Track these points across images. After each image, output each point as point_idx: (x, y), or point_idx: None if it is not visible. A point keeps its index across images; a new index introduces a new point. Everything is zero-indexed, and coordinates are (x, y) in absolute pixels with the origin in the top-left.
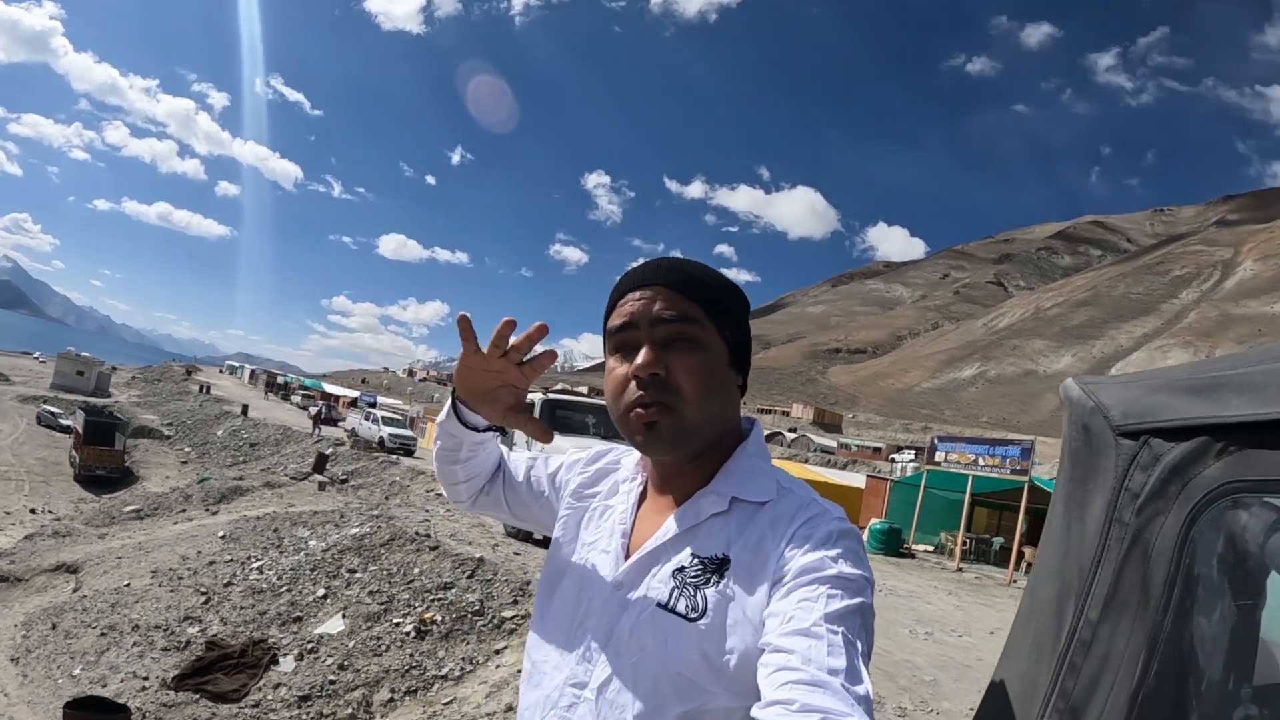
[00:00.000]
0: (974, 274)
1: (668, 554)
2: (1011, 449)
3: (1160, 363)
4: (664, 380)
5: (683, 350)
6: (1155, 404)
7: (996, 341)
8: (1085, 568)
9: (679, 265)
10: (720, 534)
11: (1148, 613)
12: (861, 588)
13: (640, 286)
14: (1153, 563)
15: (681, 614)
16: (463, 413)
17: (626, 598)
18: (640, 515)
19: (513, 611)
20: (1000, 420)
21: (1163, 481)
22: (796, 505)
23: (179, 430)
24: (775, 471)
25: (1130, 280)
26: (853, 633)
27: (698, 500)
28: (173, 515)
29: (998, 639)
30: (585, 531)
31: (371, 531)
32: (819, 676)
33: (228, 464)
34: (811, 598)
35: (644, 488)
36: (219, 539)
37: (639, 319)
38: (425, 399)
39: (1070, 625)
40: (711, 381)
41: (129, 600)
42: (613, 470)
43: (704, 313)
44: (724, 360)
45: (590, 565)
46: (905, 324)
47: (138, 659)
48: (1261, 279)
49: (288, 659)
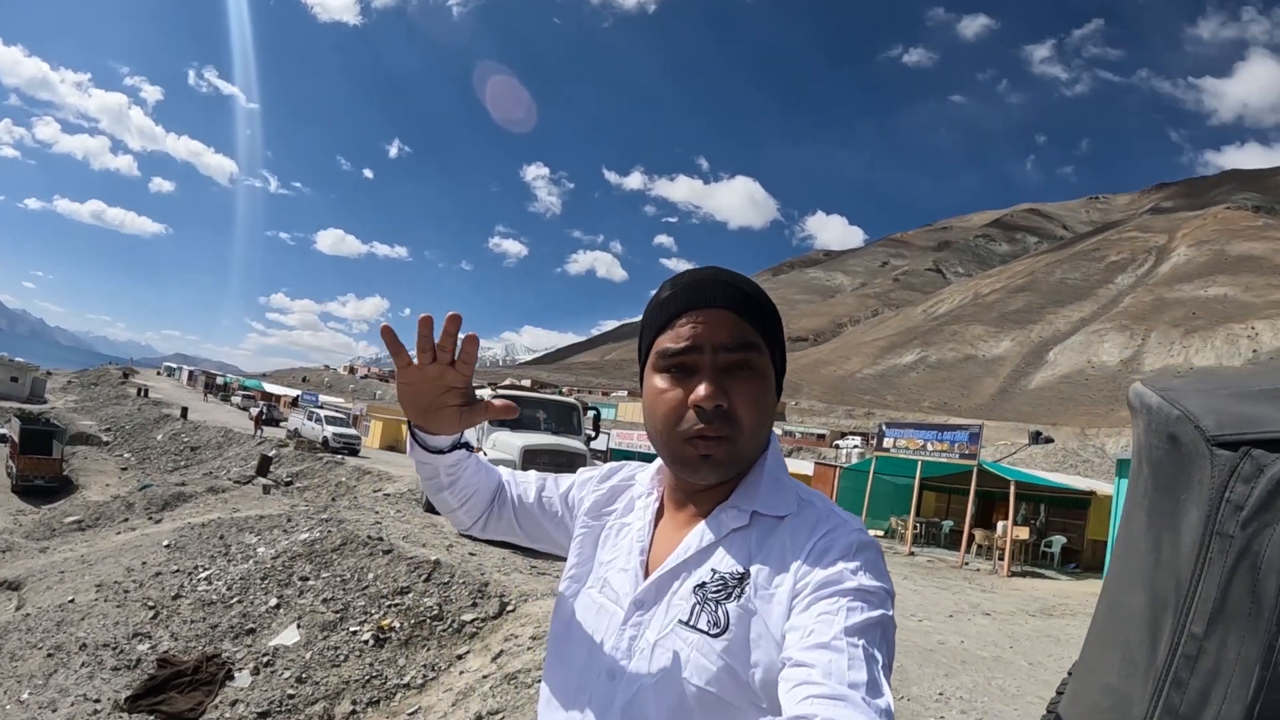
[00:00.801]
0: (913, 262)
1: (689, 570)
2: (959, 434)
3: (1097, 346)
4: (727, 412)
5: (744, 379)
6: (1254, 414)
7: (936, 327)
8: (1183, 581)
9: (738, 285)
10: (741, 549)
11: (1260, 624)
12: (882, 600)
13: (699, 307)
14: (1264, 575)
15: (704, 630)
16: (423, 438)
17: (648, 615)
18: (658, 532)
19: (472, 615)
20: (941, 405)
21: (1269, 493)
22: (816, 518)
23: (118, 436)
24: (794, 484)
25: (1067, 266)
26: (873, 645)
27: (719, 515)
28: (115, 525)
29: (956, 622)
30: (602, 550)
31: (322, 536)
32: (840, 690)
33: (169, 469)
34: (831, 611)
35: (660, 503)
36: (164, 548)
37: (703, 344)
38: (368, 396)
39: (1170, 639)
40: (767, 410)
41: (74, 617)
42: (627, 487)
43: (762, 338)
44: (774, 386)
45: (609, 584)
46: (845, 311)
47: (87, 680)
48: (1195, 264)
49: (243, 674)
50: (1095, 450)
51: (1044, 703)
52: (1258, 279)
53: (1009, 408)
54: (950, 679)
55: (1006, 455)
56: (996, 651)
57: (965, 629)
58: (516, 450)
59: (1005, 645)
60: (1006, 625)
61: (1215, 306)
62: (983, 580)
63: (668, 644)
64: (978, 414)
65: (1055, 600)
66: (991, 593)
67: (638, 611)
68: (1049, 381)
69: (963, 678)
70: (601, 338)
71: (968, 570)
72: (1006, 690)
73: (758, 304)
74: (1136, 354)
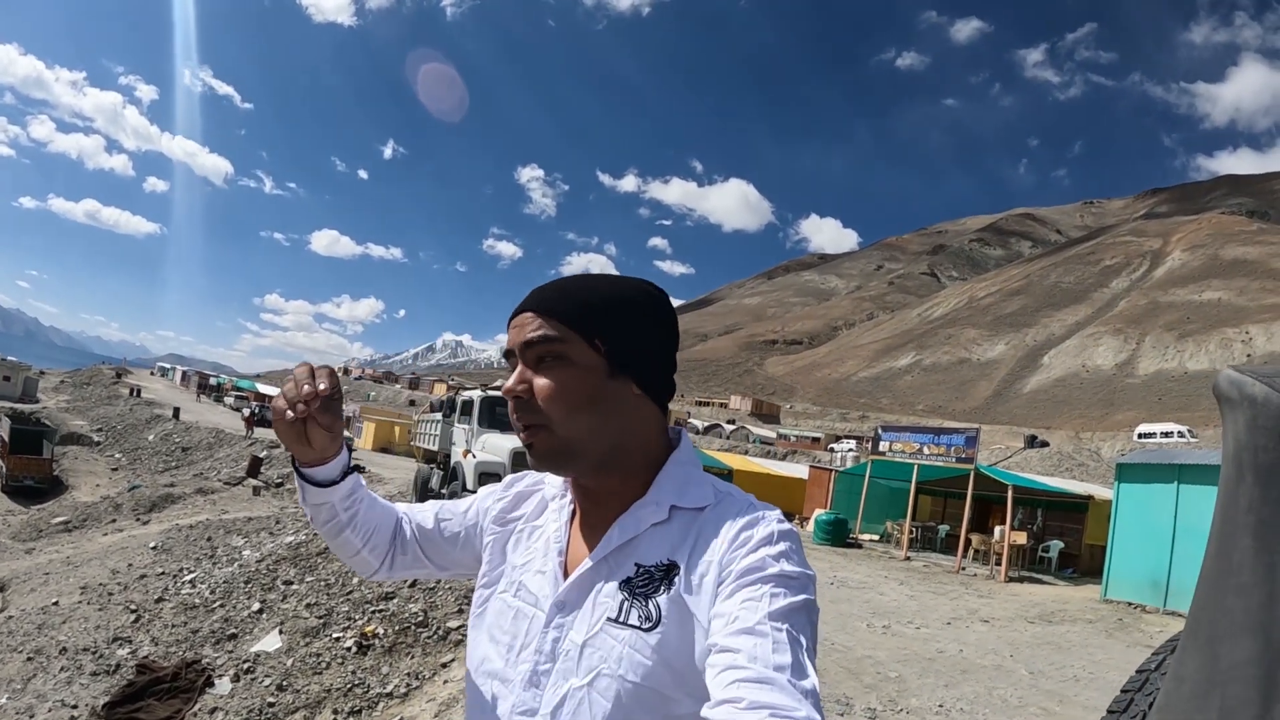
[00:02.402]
0: (907, 265)
1: (610, 567)
2: (956, 437)
3: (1092, 349)
4: (528, 402)
5: (545, 369)
6: None
7: (931, 331)
8: None
9: (546, 286)
10: (664, 542)
11: None
12: (804, 585)
13: (516, 314)
14: None
15: (635, 625)
16: (310, 474)
17: (571, 616)
18: (573, 533)
19: (458, 621)
20: (936, 408)
21: None
22: (736, 509)
23: (109, 436)
24: (709, 478)
25: (1061, 270)
26: (797, 629)
27: (637, 511)
28: (103, 526)
29: (955, 629)
30: (514, 554)
31: (308, 539)
32: (765, 673)
33: (159, 470)
34: (755, 597)
35: (575, 505)
36: (150, 550)
37: (513, 345)
38: (361, 397)
39: None
40: (576, 396)
41: (56, 621)
42: (534, 491)
43: (569, 328)
44: (598, 372)
45: (525, 587)
46: (840, 314)
47: (65, 686)
48: (1189, 268)
49: (223, 680)
50: (1090, 454)
51: (1047, 714)
52: (1252, 283)
53: (1003, 411)
54: (950, 689)
55: (1001, 459)
56: (997, 660)
57: (964, 636)
58: (506, 453)
59: (1005, 653)
60: (1006, 632)
61: (1209, 310)
62: (980, 585)
63: (597, 643)
64: (972, 417)
65: (1054, 606)
66: (989, 598)
67: (560, 613)
68: (1043, 385)
69: (964, 688)
70: None
71: (964, 575)
72: (1009, 701)
73: (567, 297)
74: (1131, 358)
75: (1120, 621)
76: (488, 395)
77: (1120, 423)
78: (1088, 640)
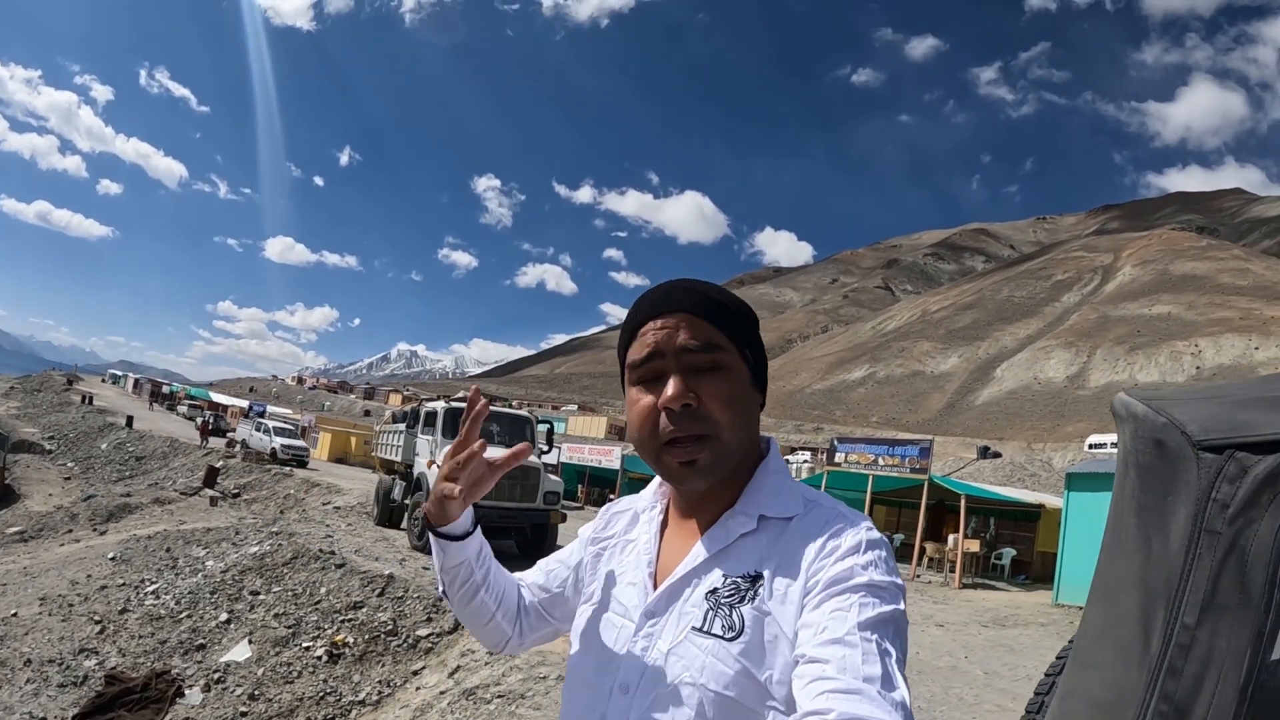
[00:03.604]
0: (861, 279)
1: (699, 577)
2: (910, 448)
3: (1043, 362)
4: (696, 410)
5: (712, 378)
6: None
7: (885, 344)
8: (1174, 576)
9: (697, 289)
10: (751, 553)
11: (1249, 613)
12: (894, 595)
13: (660, 314)
14: (1251, 567)
15: (719, 634)
16: (447, 531)
17: (659, 625)
18: (665, 543)
19: (427, 630)
20: (889, 419)
21: (1254, 493)
22: (824, 518)
23: (61, 444)
24: (799, 486)
25: (1014, 284)
26: (886, 640)
27: (726, 522)
28: (59, 536)
29: (911, 634)
30: (606, 568)
31: (272, 549)
32: (855, 684)
33: (113, 479)
34: (844, 607)
35: (664, 515)
36: (109, 561)
37: (665, 349)
38: (316, 407)
39: (1164, 631)
40: (742, 406)
41: (18, 632)
42: (626, 509)
43: (727, 337)
44: (748, 382)
45: (617, 599)
46: (794, 327)
47: (33, 698)
48: (1140, 283)
49: (194, 691)
50: (1042, 464)
51: (1003, 711)
52: (1200, 298)
53: (956, 423)
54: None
55: (955, 469)
56: (952, 661)
57: (919, 640)
58: None
59: (960, 655)
60: (960, 636)
61: (1159, 324)
62: (934, 592)
63: (682, 651)
64: (926, 429)
65: (1007, 611)
66: (944, 604)
67: (649, 622)
68: (996, 397)
69: (920, 688)
70: (551, 351)
71: (919, 583)
72: (965, 699)
73: (720, 305)
74: (1082, 370)
75: (1072, 625)
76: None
77: (1071, 434)
78: (1040, 642)
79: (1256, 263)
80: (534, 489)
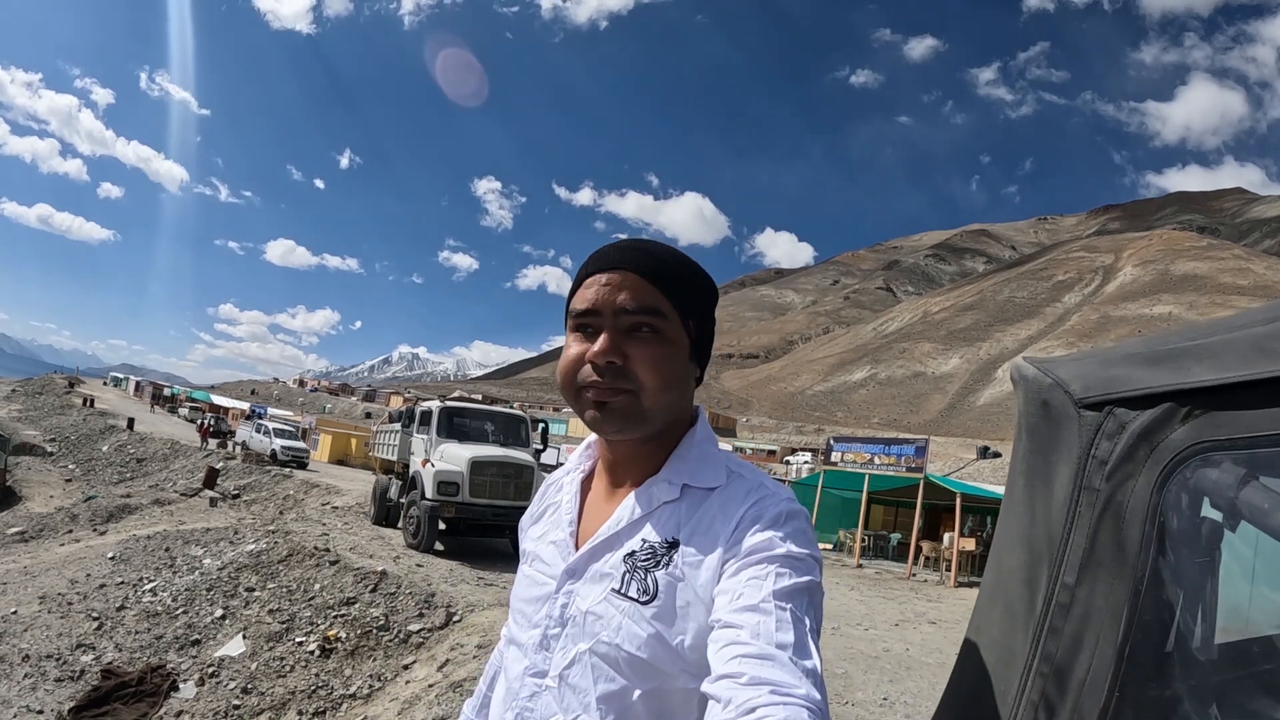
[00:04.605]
0: (862, 281)
1: (620, 541)
2: (906, 448)
3: None
4: (621, 369)
5: (644, 340)
6: (1116, 376)
7: (886, 345)
8: (1056, 534)
9: (648, 249)
10: (671, 520)
11: (1125, 570)
12: (810, 566)
13: (607, 269)
14: (1127, 523)
15: (633, 597)
16: None
17: (579, 584)
18: (588, 505)
19: (419, 625)
20: (890, 420)
21: (1130, 447)
22: (746, 488)
23: (62, 446)
24: (724, 456)
25: (1015, 285)
26: (801, 609)
27: (649, 488)
28: (59, 536)
29: (902, 630)
30: (534, 528)
31: (268, 547)
32: (768, 650)
33: (114, 481)
34: (760, 576)
35: (586, 475)
36: (109, 560)
37: (602, 306)
38: (317, 410)
39: (1046, 590)
40: (671, 373)
41: (17, 629)
42: (555, 480)
43: (670, 304)
44: (685, 353)
45: (539, 558)
46: (796, 329)
47: (30, 692)
48: (1140, 283)
49: (188, 684)
50: None
51: None
52: (1201, 297)
53: (957, 424)
54: (895, 684)
55: (954, 470)
56: (941, 658)
57: (910, 637)
58: (464, 462)
59: (950, 652)
60: (952, 633)
61: (1161, 324)
62: (929, 591)
63: (600, 611)
64: (926, 430)
65: None
66: (938, 602)
67: (569, 580)
68: (996, 398)
69: (907, 683)
70: (553, 353)
71: (915, 581)
72: None
73: (670, 270)
74: None
75: None
76: (446, 406)
77: None
78: None
79: (1257, 262)
80: (528, 487)
